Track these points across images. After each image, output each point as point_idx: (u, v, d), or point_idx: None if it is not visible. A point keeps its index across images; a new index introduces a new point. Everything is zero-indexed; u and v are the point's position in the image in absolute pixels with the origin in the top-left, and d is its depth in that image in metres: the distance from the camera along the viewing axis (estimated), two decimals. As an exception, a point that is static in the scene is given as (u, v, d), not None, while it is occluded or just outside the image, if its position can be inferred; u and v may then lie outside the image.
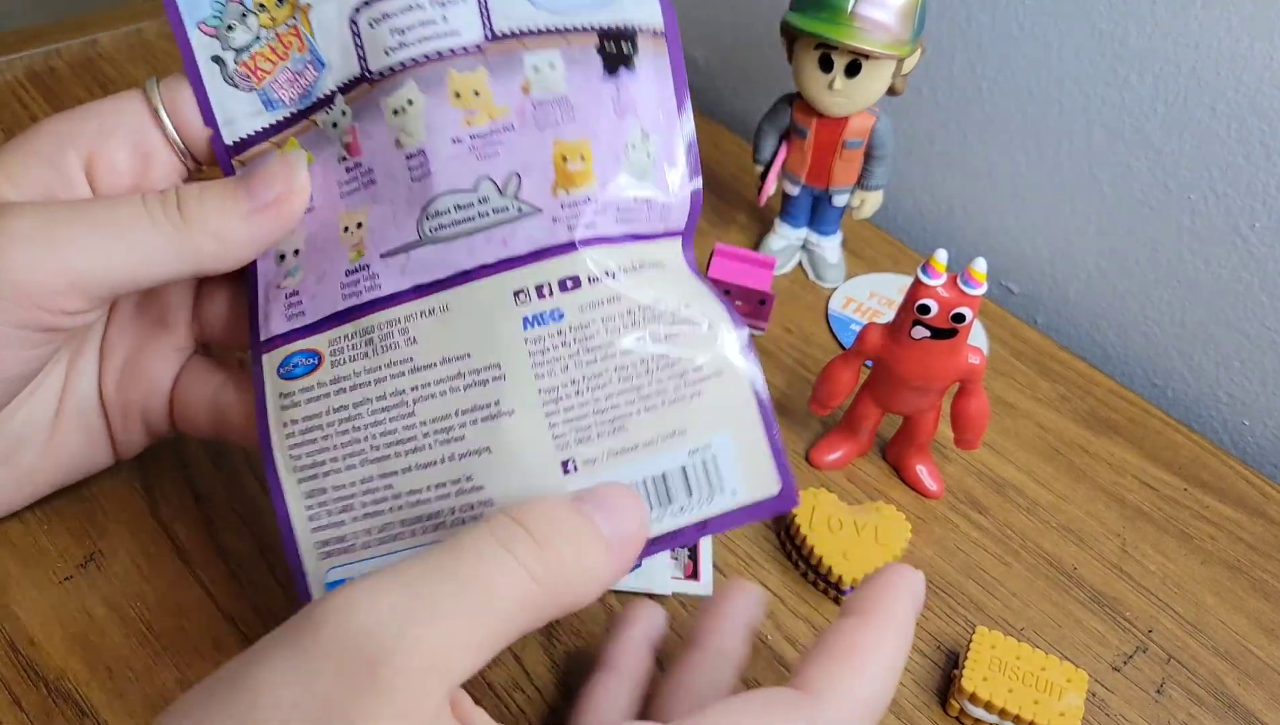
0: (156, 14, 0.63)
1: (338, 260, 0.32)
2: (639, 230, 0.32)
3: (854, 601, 0.27)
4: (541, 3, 0.32)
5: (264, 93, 0.32)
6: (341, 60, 0.32)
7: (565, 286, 0.30)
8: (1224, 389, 0.52)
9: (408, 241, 0.31)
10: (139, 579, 0.35)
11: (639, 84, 0.32)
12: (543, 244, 0.30)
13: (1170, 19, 0.47)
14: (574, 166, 0.31)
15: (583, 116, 0.31)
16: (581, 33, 0.32)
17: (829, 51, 0.45)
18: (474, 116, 0.31)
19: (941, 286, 0.37)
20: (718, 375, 0.31)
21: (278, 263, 0.32)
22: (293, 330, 0.32)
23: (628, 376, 0.30)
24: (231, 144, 0.32)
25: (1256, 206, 0.48)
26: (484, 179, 0.31)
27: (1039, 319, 0.59)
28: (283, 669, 0.21)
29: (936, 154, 0.59)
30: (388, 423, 0.31)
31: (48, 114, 0.55)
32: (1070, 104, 0.52)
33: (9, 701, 0.32)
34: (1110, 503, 0.44)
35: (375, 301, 0.31)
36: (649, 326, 0.31)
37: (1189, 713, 0.37)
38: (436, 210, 0.31)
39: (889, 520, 0.39)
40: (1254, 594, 0.41)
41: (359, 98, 0.32)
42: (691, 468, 0.31)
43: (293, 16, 0.32)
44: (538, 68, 0.31)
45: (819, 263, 0.53)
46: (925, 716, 0.36)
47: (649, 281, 0.31)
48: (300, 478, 0.31)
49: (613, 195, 0.31)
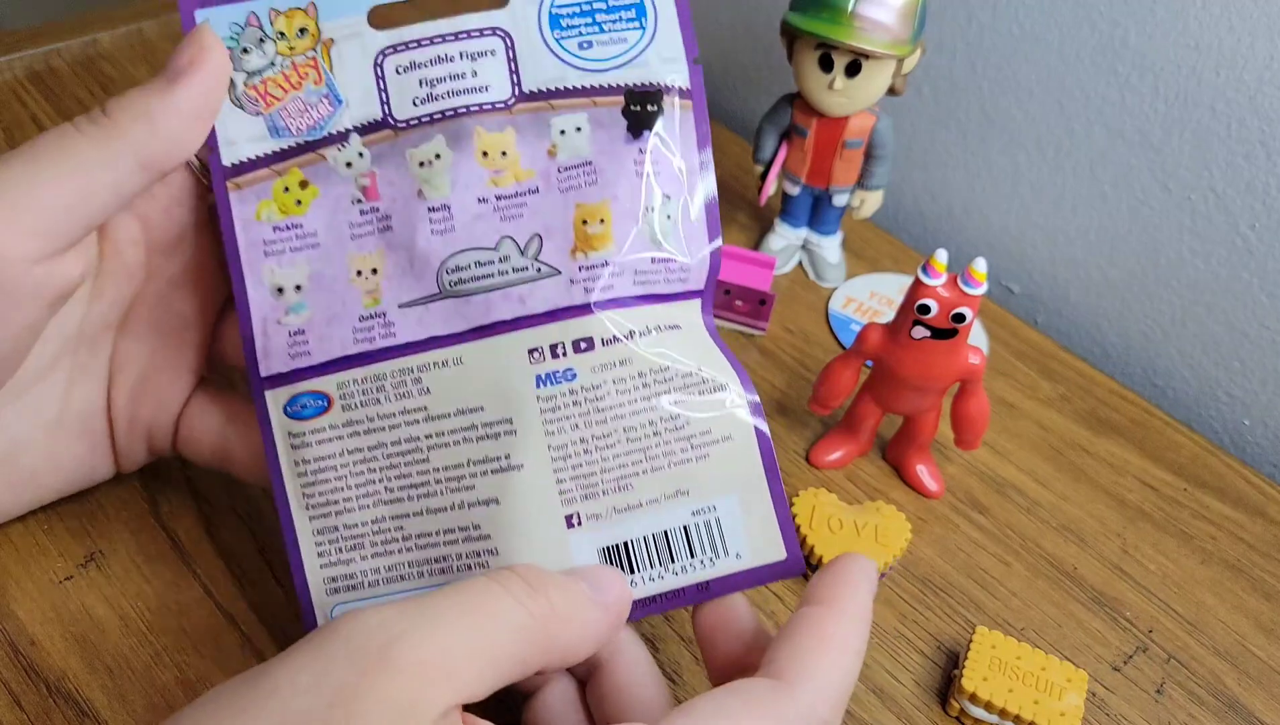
0: (156, 14, 0.63)
1: (350, 303, 0.32)
2: (657, 291, 0.32)
3: (816, 590, 0.27)
4: (570, 60, 0.32)
5: (271, 119, 0.32)
6: (361, 100, 0.32)
7: (579, 347, 0.31)
8: (1224, 389, 0.52)
9: (428, 294, 0.31)
10: (139, 579, 0.35)
11: (663, 146, 0.32)
12: (559, 305, 0.31)
13: (1170, 19, 0.47)
14: (593, 229, 0.31)
15: (605, 179, 0.32)
16: (609, 93, 0.32)
17: (829, 51, 0.45)
18: (500, 177, 0.32)
19: (942, 286, 0.37)
20: (726, 439, 0.32)
21: (275, 295, 0.32)
22: (297, 370, 0.32)
23: (636, 437, 0.31)
24: (230, 165, 0.32)
25: (1256, 206, 0.48)
26: (506, 239, 0.31)
27: (1039, 319, 0.59)
28: (300, 662, 0.23)
29: (936, 154, 0.59)
30: (403, 466, 0.31)
31: (48, 114, 0.55)
32: (1070, 104, 0.52)
33: (9, 701, 0.32)
34: (1110, 503, 0.44)
35: (389, 349, 0.32)
36: (660, 389, 0.31)
37: (1189, 713, 0.37)
38: (457, 265, 0.31)
39: (889, 520, 0.39)
40: (1254, 594, 0.41)
41: (380, 142, 0.32)
42: (695, 528, 0.31)
43: (313, 49, 0.32)
44: (564, 131, 0.32)
45: (819, 263, 0.53)
46: (925, 717, 0.36)
47: (663, 343, 0.32)
48: (311, 515, 0.32)
49: (631, 258, 0.32)
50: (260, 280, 0.32)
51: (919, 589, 0.40)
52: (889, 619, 0.39)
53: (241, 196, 0.32)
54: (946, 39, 0.55)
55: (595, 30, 0.32)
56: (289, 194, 0.32)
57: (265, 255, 0.32)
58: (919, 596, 0.40)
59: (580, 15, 0.32)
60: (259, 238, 0.32)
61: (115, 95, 0.29)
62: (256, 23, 0.32)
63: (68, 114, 0.55)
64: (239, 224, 0.32)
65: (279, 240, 0.32)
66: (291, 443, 0.32)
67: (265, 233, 0.32)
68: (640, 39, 0.33)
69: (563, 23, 0.32)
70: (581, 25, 0.32)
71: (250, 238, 0.32)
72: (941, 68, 0.56)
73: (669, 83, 0.33)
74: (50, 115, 0.55)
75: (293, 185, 0.32)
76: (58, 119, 0.55)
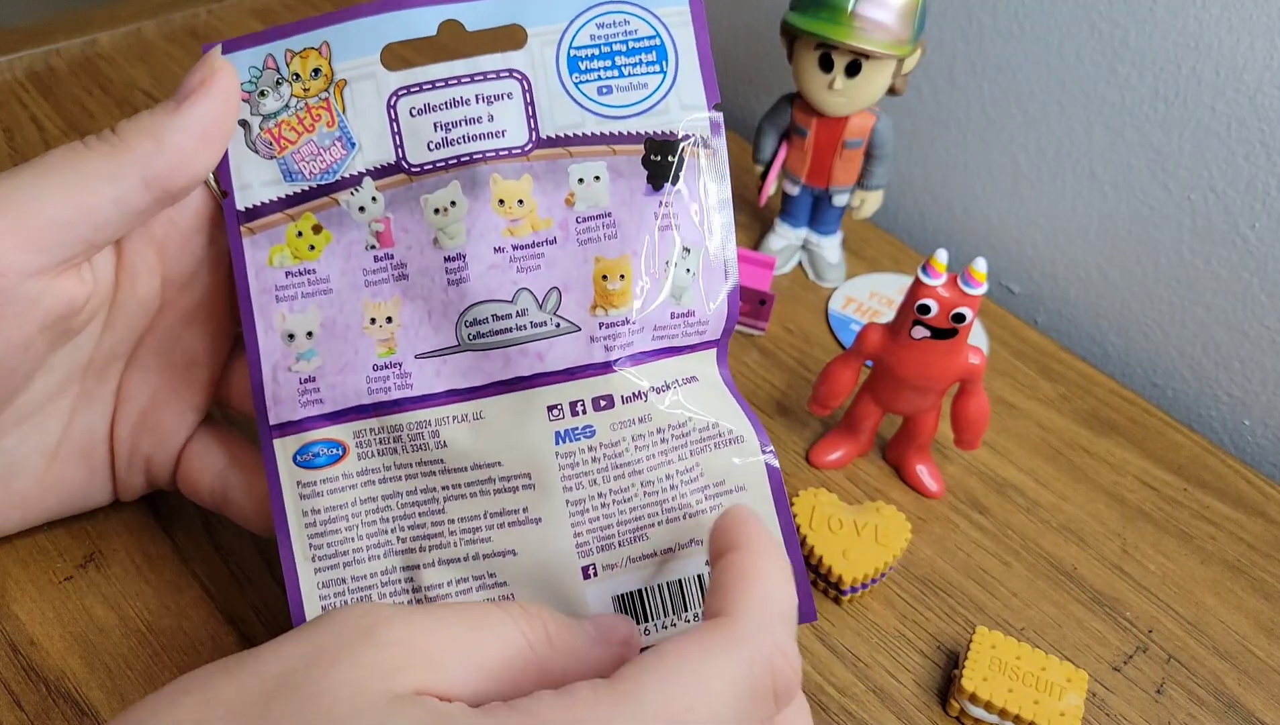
0: (156, 13, 0.63)
1: (364, 352, 0.31)
2: (675, 344, 0.32)
3: (721, 542, 0.27)
4: (589, 105, 0.32)
5: (284, 162, 0.31)
6: (374, 144, 0.31)
7: (598, 405, 0.31)
8: (1224, 389, 0.52)
9: (446, 346, 0.31)
10: (139, 579, 0.35)
11: (682, 198, 0.32)
12: (578, 362, 0.31)
13: (1170, 18, 0.47)
14: (613, 286, 0.31)
15: (625, 233, 0.31)
16: (629, 141, 0.32)
17: (829, 51, 0.45)
18: (517, 227, 0.31)
19: (942, 286, 0.37)
20: (740, 489, 0.32)
21: (286, 342, 0.31)
22: (309, 418, 0.31)
23: (653, 491, 0.31)
24: (244, 210, 0.31)
25: (1256, 206, 0.48)
26: (523, 291, 0.31)
27: (1039, 319, 0.59)
28: (289, 637, 0.24)
29: (936, 154, 0.59)
30: (418, 516, 0.31)
31: (47, 114, 0.55)
32: (1070, 104, 0.52)
33: (9, 701, 0.32)
34: (1111, 503, 0.44)
35: (405, 401, 0.31)
36: (677, 444, 0.31)
37: (1189, 713, 0.37)
38: (475, 318, 0.31)
39: (889, 520, 0.39)
40: (1254, 594, 0.41)
41: (394, 186, 0.31)
42: (708, 576, 0.31)
43: (326, 90, 0.31)
44: (583, 179, 0.31)
45: (819, 262, 0.53)
46: (925, 717, 0.36)
47: (682, 397, 0.32)
48: (318, 567, 0.31)
49: (651, 315, 0.31)
50: (271, 326, 0.31)
51: (919, 589, 0.40)
52: (889, 619, 0.39)
53: (255, 241, 0.31)
54: (946, 39, 0.55)
55: (615, 74, 0.32)
56: (302, 239, 0.32)
57: (277, 300, 0.31)
58: (919, 596, 0.40)
59: (599, 57, 0.32)
60: (271, 283, 0.31)
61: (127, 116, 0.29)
62: (274, 65, 0.31)
63: (67, 114, 0.55)
64: (251, 269, 0.31)
65: (291, 285, 0.31)
66: (301, 492, 0.31)
67: (278, 278, 0.31)
68: (661, 83, 0.32)
69: (581, 65, 0.32)
70: (600, 69, 0.32)
71: (262, 283, 0.31)
72: (941, 68, 0.56)
73: (690, 131, 0.32)
74: (50, 115, 0.55)
75: (306, 230, 0.31)
76: (57, 119, 0.55)
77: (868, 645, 0.38)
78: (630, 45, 0.32)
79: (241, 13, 0.65)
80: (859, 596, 0.39)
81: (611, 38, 0.32)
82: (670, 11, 0.32)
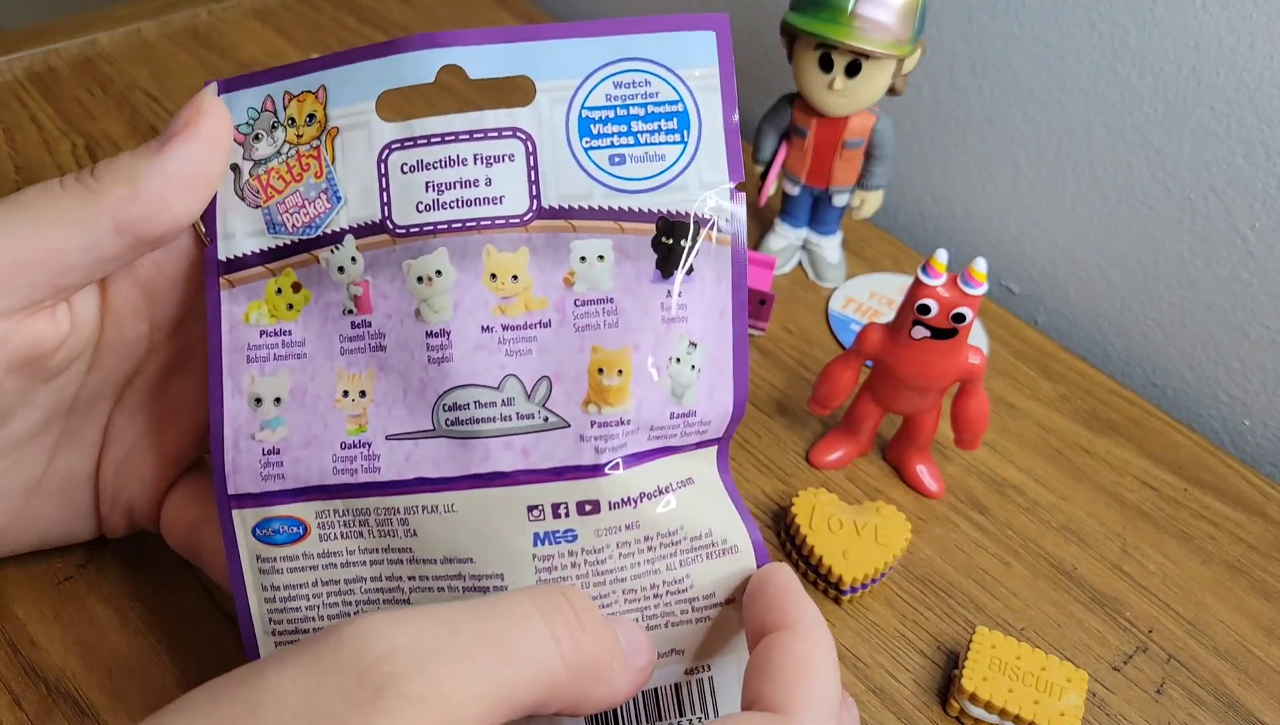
0: (156, 14, 0.62)
1: (333, 427, 0.28)
2: (673, 444, 0.29)
3: (764, 617, 0.27)
4: (598, 176, 0.28)
5: (269, 212, 0.29)
6: (360, 199, 0.28)
7: (583, 509, 0.28)
8: (1224, 389, 0.52)
9: (420, 429, 0.28)
10: (139, 579, 0.35)
11: (695, 289, 0.28)
12: (566, 463, 0.28)
13: (1170, 18, 0.47)
14: (610, 381, 0.28)
15: (626, 322, 0.28)
16: (639, 218, 0.28)
17: (829, 51, 0.45)
18: (509, 305, 0.28)
19: (942, 286, 0.37)
20: (730, 603, 0.30)
21: (253, 406, 0.29)
22: (268, 493, 0.29)
23: (635, 599, 0.29)
24: (225, 260, 0.29)
25: (1256, 206, 0.48)
26: (511, 377, 0.28)
27: (1039, 319, 0.59)
28: (292, 677, 0.21)
29: (937, 154, 0.59)
30: (380, 604, 0.29)
31: (47, 114, 0.55)
32: (1071, 104, 0.52)
33: (9, 701, 0.32)
34: (1111, 503, 0.44)
35: (372, 485, 0.28)
36: (665, 553, 0.29)
37: (1189, 713, 0.37)
38: (455, 402, 0.28)
39: (889, 520, 0.39)
40: (1254, 594, 0.41)
41: (376, 247, 0.28)
42: (686, 686, 0.29)
43: (318, 138, 0.29)
44: (585, 257, 0.28)
45: (819, 263, 0.53)
46: (925, 717, 0.36)
47: (675, 503, 0.29)
48: (278, 641, 0.29)
49: (648, 415, 0.28)
50: (239, 387, 0.29)
51: (919, 589, 0.40)
52: (889, 619, 0.39)
53: (233, 295, 0.29)
54: (946, 39, 0.55)
55: (630, 142, 0.28)
56: (281, 296, 0.29)
57: (248, 361, 0.29)
58: (919, 597, 0.39)
59: (614, 121, 0.28)
60: (244, 341, 0.29)
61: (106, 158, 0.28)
62: (272, 107, 0.29)
63: (67, 114, 0.55)
64: (226, 324, 0.29)
65: (265, 346, 0.29)
66: (260, 566, 0.29)
67: (251, 336, 0.29)
68: (680, 155, 0.29)
69: (593, 129, 0.28)
70: (615, 134, 0.28)
71: (235, 340, 0.29)
72: (941, 68, 0.56)
73: (707, 214, 0.28)
74: (50, 115, 0.55)
75: (285, 287, 0.29)
76: (57, 119, 0.55)
77: (868, 645, 0.38)
78: (649, 110, 0.29)
79: (242, 13, 0.65)
80: (859, 597, 0.39)
81: (629, 99, 0.28)
82: (697, 74, 0.29)
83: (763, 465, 0.44)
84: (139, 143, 0.54)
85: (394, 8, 0.69)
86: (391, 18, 0.68)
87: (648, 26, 0.28)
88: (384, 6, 0.69)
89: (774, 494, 0.42)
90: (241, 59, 0.61)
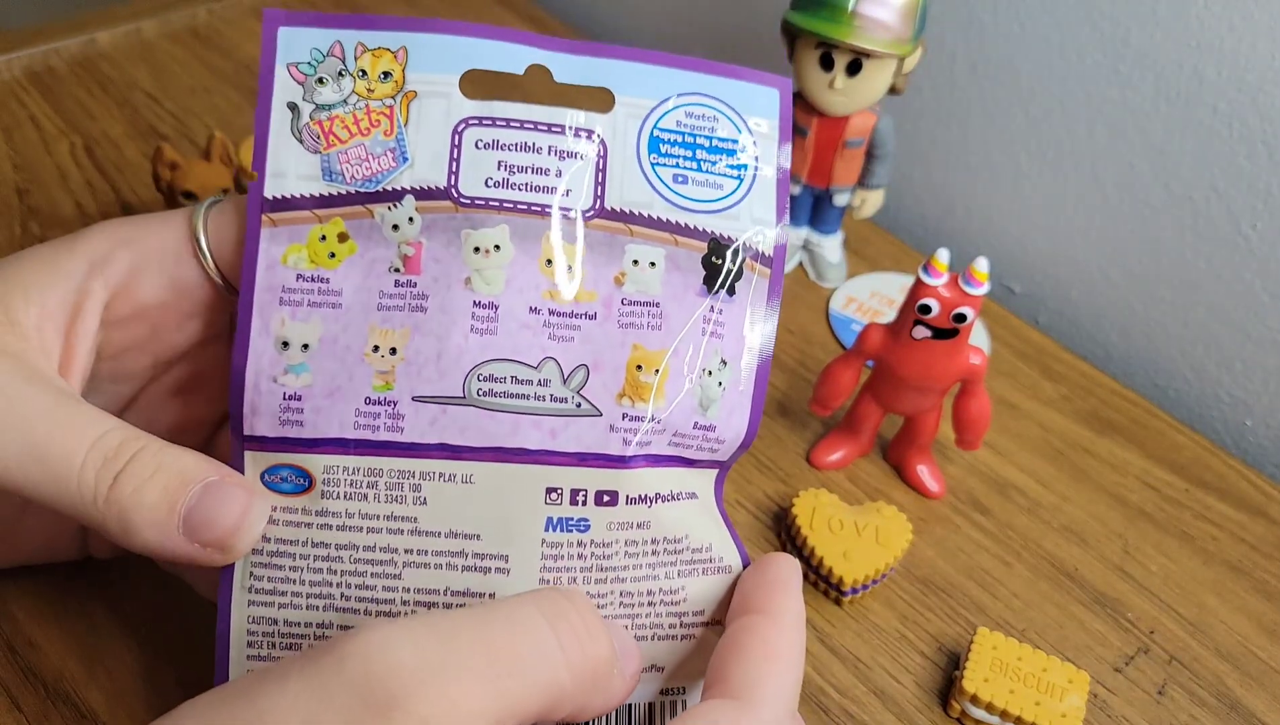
0: (155, 13, 0.62)
1: (358, 380, 0.29)
2: (687, 456, 0.30)
3: (751, 597, 0.27)
4: (661, 189, 0.30)
5: (328, 160, 0.29)
6: (429, 164, 0.29)
7: (601, 500, 0.29)
8: (1226, 389, 0.52)
9: (449, 394, 0.28)
10: (139, 579, 0.35)
11: (734, 309, 0.30)
12: (592, 449, 0.28)
13: (1172, 19, 0.47)
14: (646, 378, 0.29)
15: (670, 327, 0.29)
16: (694, 235, 0.30)
17: (830, 50, 0.45)
18: (559, 292, 0.29)
19: (943, 286, 0.37)
20: (715, 624, 0.30)
21: (279, 349, 0.29)
22: (284, 438, 0.29)
23: (629, 604, 0.29)
24: (271, 198, 0.29)
25: (1258, 206, 0.47)
26: (550, 360, 0.29)
27: (1041, 319, 0.59)
28: (296, 692, 0.21)
29: (937, 153, 0.59)
30: (369, 577, 0.28)
31: (47, 114, 0.55)
32: (1072, 103, 0.52)
33: (8, 703, 0.32)
34: (1112, 503, 0.44)
35: (391, 444, 0.28)
36: (669, 560, 0.29)
37: (1190, 714, 0.37)
38: (493, 374, 0.28)
39: (890, 521, 0.39)
40: (1256, 595, 0.41)
41: (436, 212, 0.29)
42: (660, 707, 0.29)
43: (392, 97, 0.29)
44: (638, 261, 0.30)
45: (820, 262, 0.53)
46: (926, 718, 0.36)
47: (686, 512, 0.30)
48: (252, 599, 0.29)
49: (676, 419, 0.29)
50: (268, 328, 0.29)
51: (920, 590, 0.40)
52: (890, 620, 0.39)
53: (274, 234, 0.29)
54: (947, 39, 0.55)
55: (694, 167, 0.30)
56: (325, 243, 0.29)
57: (280, 302, 0.29)
58: (920, 597, 0.39)
59: (682, 145, 0.30)
60: (279, 282, 0.29)
61: (153, 452, 0.26)
62: (340, 54, 0.29)
63: (67, 114, 0.55)
64: (262, 262, 0.29)
65: (300, 290, 0.29)
66: None
67: (287, 278, 0.29)
68: (737, 189, 0.31)
69: (662, 148, 0.30)
70: (681, 157, 0.30)
71: (270, 280, 0.29)
72: (942, 67, 0.56)
73: (755, 245, 0.30)
74: (49, 115, 0.55)
75: (331, 235, 0.29)
76: (57, 119, 0.55)
77: (868, 646, 0.38)
78: (714, 142, 0.31)
79: (242, 12, 0.65)
80: (860, 597, 0.39)
81: (697, 129, 0.31)
82: (759, 123, 0.31)
83: (763, 465, 0.44)
84: (139, 142, 0.54)
85: (394, 8, 0.69)
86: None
87: (722, 71, 0.31)
88: (384, 6, 0.69)
89: (774, 494, 0.42)
90: (242, 58, 0.61)
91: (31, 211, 0.49)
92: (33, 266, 0.28)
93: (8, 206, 0.49)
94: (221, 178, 0.43)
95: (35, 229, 0.48)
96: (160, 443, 0.27)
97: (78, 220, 0.49)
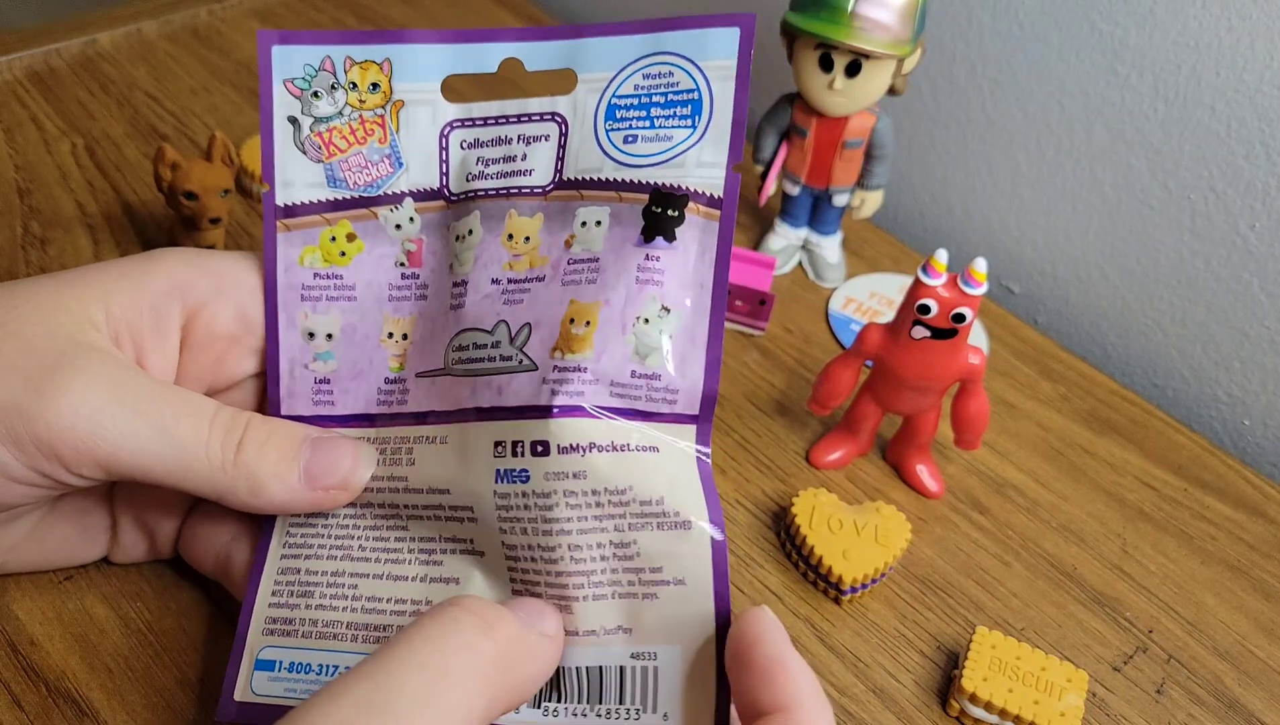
0: (156, 14, 0.62)
1: (378, 364, 0.32)
2: (639, 408, 0.30)
3: (761, 692, 0.25)
4: (611, 152, 0.32)
5: (330, 168, 0.32)
6: (421, 168, 0.32)
7: (535, 450, 0.29)
8: (1224, 389, 0.52)
9: (437, 367, 0.32)
10: (139, 579, 0.35)
11: (674, 256, 0.30)
12: (527, 402, 0.29)
13: (1170, 19, 0.47)
14: (577, 330, 0.30)
15: (604, 280, 0.30)
16: (636, 189, 0.31)
17: (829, 51, 0.45)
18: (517, 262, 0.31)
19: (942, 286, 0.37)
20: (678, 583, 0.29)
21: (306, 339, 0.32)
22: (318, 417, 0.32)
23: (580, 558, 0.29)
24: (282, 205, 0.32)
25: (1256, 206, 0.48)
26: (502, 323, 0.31)
27: (1039, 319, 0.59)
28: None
29: (937, 154, 0.59)
30: (384, 529, 0.32)
31: (47, 114, 0.55)
32: (1071, 104, 0.52)
33: (9, 702, 0.32)
34: (1111, 503, 0.44)
35: (400, 416, 0.32)
36: (614, 512, 0.29)
37: (1189, 713, 0.37)
38: (460, 343, 0.31)
39: (889, 520, 0.39)
40: (1254, 594, 0.41)
41: (432, 211, 0.32)
42: (631, 672, 0.29)
43: (382, 107, 0.32)
44: (585, 223, 0.31)
45: (819, 263, 0.53)
46: (925, 717, 0.36)
47: (630, 464, 0.29)
48: (284, 553, 0.32)
49: (608, 367, 0.29)
50: (293, 322, 0.32)
51: (919, 589, 0.40)
52: (889, 619, 0.39)
53: (289, 238, 0.32)
54: (946, 39, 0.55)
55: (645, 125, 0.31)
56: (335, 244, 0.32)
57: (301, 299, 0.32)
58: (919, 596, 0.39)
59: (637, 108, 0.31)
60: (298, 281, 0.32)
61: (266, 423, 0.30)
62: (331, 68, 0.32)
63: (67, 114, 0.55)
64: (281, 264, 0.32)
65: (317, 286, 0.32)
66: None
67: (305, 277, 0.32)
68: (687, 138, 0.31)
69: (617, 114, 0.31)
70: (634, 119, 0.31)
71: (290, 280, 0.32)
72: (941, 68, 0.56)
73: (698, 189, 0.31)
74: (50, 115, 0.55)
75: (340, 236, 0.32)
76: (57, 119, 0.55)
77: (868, 645, 0.38)
78: (669, 97, 0.31)
79: (242, 13, 0.65)
80: (859, 597, 0.39)
81: (653, 89, 0.31)
82: (716, 64, 0.31)
83: (763, 465, 0.44)
84: (139, 142, 0.54)
85: (394, 7, 0.69)
86: (391, 17, 0.68)
87: (680, 24, 0.31)
88: (384, 6, 0.69)
89: (774, 494, 0.42)
90: (242, 58, 0.61)
91: (32, 211, 0.49)
92: (115, 281, 0.30)
93: (9, 206, 0.49)
94: (222, 178, 0.43)
95: (36, 229, 0.48)
96: (260, 415, 0.30)
97: (78, 220, 0.49)
